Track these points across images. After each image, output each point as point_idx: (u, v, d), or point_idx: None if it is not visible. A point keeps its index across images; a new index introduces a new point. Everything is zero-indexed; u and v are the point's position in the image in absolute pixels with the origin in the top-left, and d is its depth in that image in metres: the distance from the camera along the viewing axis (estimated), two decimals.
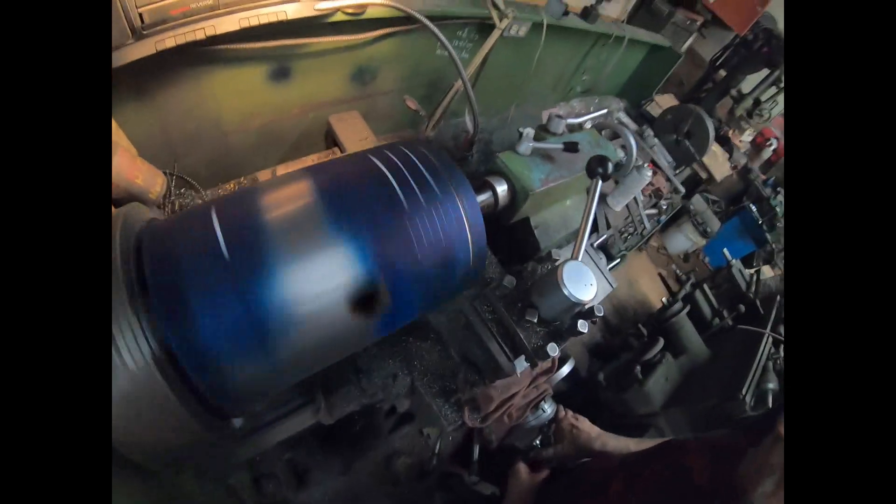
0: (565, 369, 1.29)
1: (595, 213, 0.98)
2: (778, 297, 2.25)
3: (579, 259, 0.79)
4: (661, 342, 2.19)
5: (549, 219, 1.51)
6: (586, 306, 0.85)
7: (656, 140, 2.73)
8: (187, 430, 0.62)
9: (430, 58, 1.90)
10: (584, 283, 0.76)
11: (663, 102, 3.11)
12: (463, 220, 0.84)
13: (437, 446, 1.65)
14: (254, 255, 0.62)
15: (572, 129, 1.60)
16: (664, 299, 2.52)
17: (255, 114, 1.45)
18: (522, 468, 1.17)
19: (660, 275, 4.10)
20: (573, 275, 0.76)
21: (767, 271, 2.96)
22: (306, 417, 1.16)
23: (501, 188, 1.17)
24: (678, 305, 2.28)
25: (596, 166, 1.04)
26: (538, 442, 1.19)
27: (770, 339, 1.93)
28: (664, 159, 2.77)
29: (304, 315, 0.67)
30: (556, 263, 0.81)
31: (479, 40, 1.91)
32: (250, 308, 0.61)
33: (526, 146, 1.28)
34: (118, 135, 1.00)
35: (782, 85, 2.84)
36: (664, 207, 2.69)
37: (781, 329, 1.98)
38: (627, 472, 0.81)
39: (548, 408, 1.20)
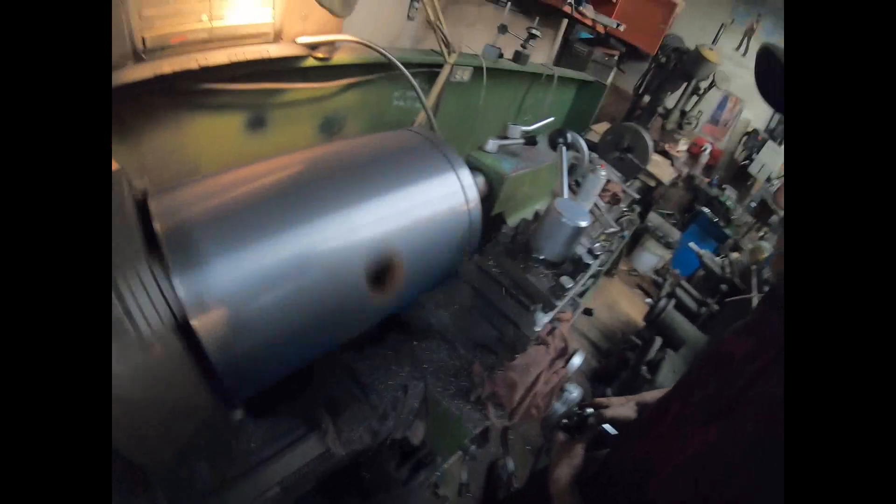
0: (577, 359, 1.28)
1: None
2: (753, 266, 2.36)
3: (565, 196, 0.85)
4: (659, 340, 2.21)
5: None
6: (583, 250, 0.90)
7: (602, 161, 2.98)
8: (196, 410, 0.57)
9: (390, 108, 2.07)
10: (578, 212, 0.81)
11: (600, 130, 3.42)
12: (460, 187, 0.90)
13: (465, 475, 1.52)
14: (276, 207, 0.64)
15: (528, 139, 1.75)
16: (648, 300, 2.58)
17: (231, 164, 1.50)
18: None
19: (639, 286, 4.21)
20: (566, 207, 0.81)
21: (736, 256, 3.14)
22: (313, 446, 1.04)
23: (479, 179, 1.25)
24: (664, 301, 2.34)
25: (556, 137, 1.14)
26: (590, 409, 1.10)
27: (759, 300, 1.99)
28: (614, 175, 3.00)
29: (324, 269, 0.67)
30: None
31: (429, 91, 2.11)
32: (270, 258, 0.61)
33: (492, 144, 1.38)
34: None
35: (701, 91, 3.21)
36: (624, 224, 2.85)
37: (766, 289, 2.06)
38: (680, 393, 0.80)
39: (573, 389, 1.16)
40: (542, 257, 0.84)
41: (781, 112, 0.62)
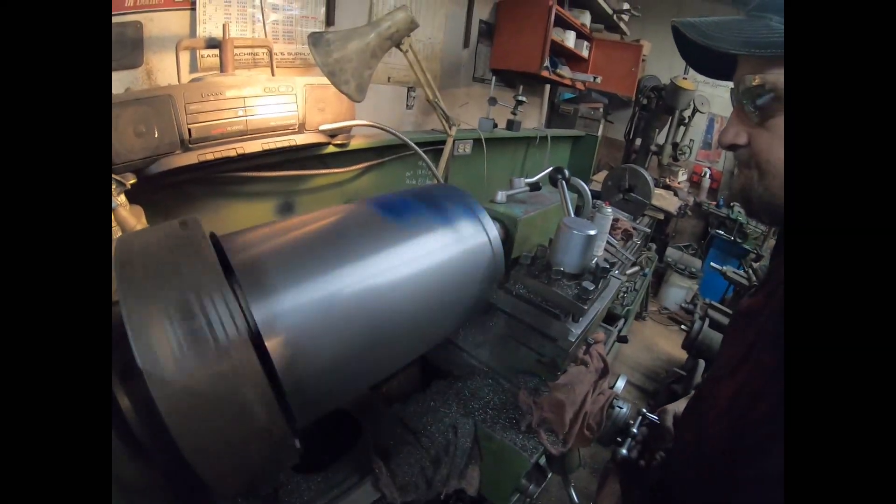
0: (620, 382, 1.29)
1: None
2: None
3: (571, 215, 0.94)
4: (702, 363, 2.15)
5: None
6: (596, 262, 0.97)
7: (606, 200, 3.11)
8: (268, 427, 0.60)
9: (403, 187, 2.27)
10: (585, 225, 0.90)
11: (600, 178, 3.60)
12: (482, 227, 1.02)
13: None
14: (329, 246, 0.75)
15: (531, 185, 1.88)
16: (683, 327, 2.53)
17: None
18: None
19: (671, 318, 4.12)
20: (573, 222, 0.90)
21: (758, 264, 3.10)
22: (366, 493, 1.04)
23: (496, 225, 1.36)
24: (698, 323, 2.30)
25: (555, 174, 1.27)
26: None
27: None
28: (622, 216, 3.10)
29: (374, 300, 0.77)
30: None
31: (436, 165, 2.33)
32: (326, 290, 0.71)
33: (501, 195, 1.51)
34: None
35: (686, 121, 3.39)
36: (643, 262, 2.91)
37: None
38: (715, 363, 0.83)
39: (623, 405, 1.16)
40: (562, 269, 0.91)
41: (702, 72, 0.72)
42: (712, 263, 3.00)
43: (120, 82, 1.44)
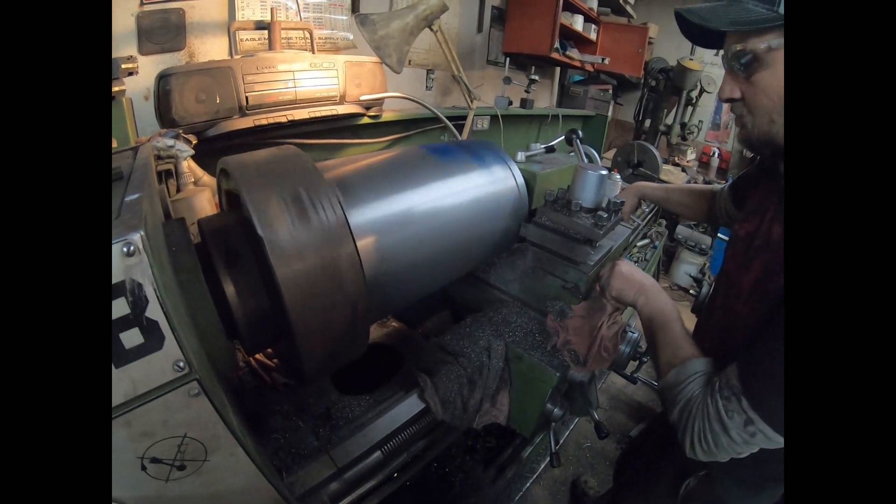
0: (632, 321, 1.44)
1: None
2: None
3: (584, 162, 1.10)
4: None
5: None
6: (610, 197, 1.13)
7: (618, 176, 3.25)
8: (355, 299, 0.74)
9: None
10: (598, 168, 1.06)
11: (611, 156, 3.73)
12: (511, 173, 1.18)
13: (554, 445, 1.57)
14: (397, 175, 0.93)
15: (547, 148, 2.04)
16: (692, 291, 2.66)
17: None
18: None
19: (681, 288, 4.22)
20: (587, 166, 1.07)
21: None
22: (413, 402, 1.19)
23: None
24: (706, 287, 2.43)
25: (571, 134, 1.43)
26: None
27: None
28: None
29: (435, 219, 0.95)
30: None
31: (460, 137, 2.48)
32: (401, 205, 0.90)
33: (521, 156, 1.67)
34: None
35: (694, 101, 3.50)
36: (654, 236, 3.03)
37: None
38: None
39: (635, 331, 1.30)
40: (580, 203, 1.07)
41: (697, 44, 0.88)
42: (720, 234, 3.12)
43: (165, 64, 1.60)
